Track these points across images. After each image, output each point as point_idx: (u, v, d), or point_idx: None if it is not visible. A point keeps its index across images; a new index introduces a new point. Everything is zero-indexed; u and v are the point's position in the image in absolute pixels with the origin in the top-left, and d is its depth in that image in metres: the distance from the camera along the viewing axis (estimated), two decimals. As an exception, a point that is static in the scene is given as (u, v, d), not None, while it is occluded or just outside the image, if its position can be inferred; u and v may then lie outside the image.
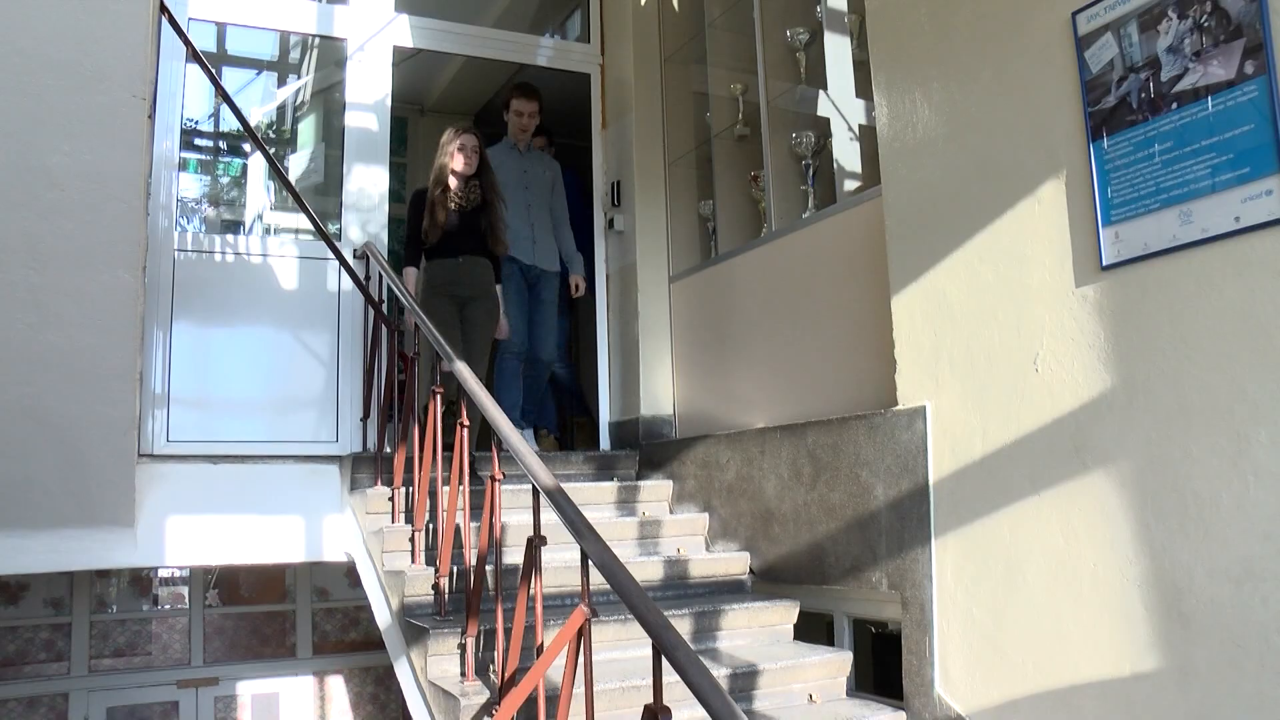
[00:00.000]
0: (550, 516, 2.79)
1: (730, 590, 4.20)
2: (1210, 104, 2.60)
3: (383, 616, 3.93)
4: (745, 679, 3.44)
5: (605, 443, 5.66)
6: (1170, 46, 2.70)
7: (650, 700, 2.30)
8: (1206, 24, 2.60)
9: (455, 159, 4.96)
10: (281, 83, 6.70)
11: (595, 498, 4.63)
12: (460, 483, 3.43)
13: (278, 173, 5.16)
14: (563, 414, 6.44)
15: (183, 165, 5.02)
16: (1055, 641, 2.96)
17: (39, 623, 7.74)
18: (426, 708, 3.35)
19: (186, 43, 4.58)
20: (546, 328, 5.53)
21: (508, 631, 2.97)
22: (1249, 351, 2.51)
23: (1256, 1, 2.48)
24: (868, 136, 4.27)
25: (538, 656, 2.79)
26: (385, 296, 4.82)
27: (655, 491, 4.80)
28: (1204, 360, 2.61)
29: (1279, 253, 2.45)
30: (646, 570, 4.06)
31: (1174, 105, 2.69)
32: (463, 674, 3.25)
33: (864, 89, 4.50)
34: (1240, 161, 2.53)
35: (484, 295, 5.02)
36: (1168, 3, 2.70)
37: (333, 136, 5.72)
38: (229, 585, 8.40)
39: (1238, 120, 2.53)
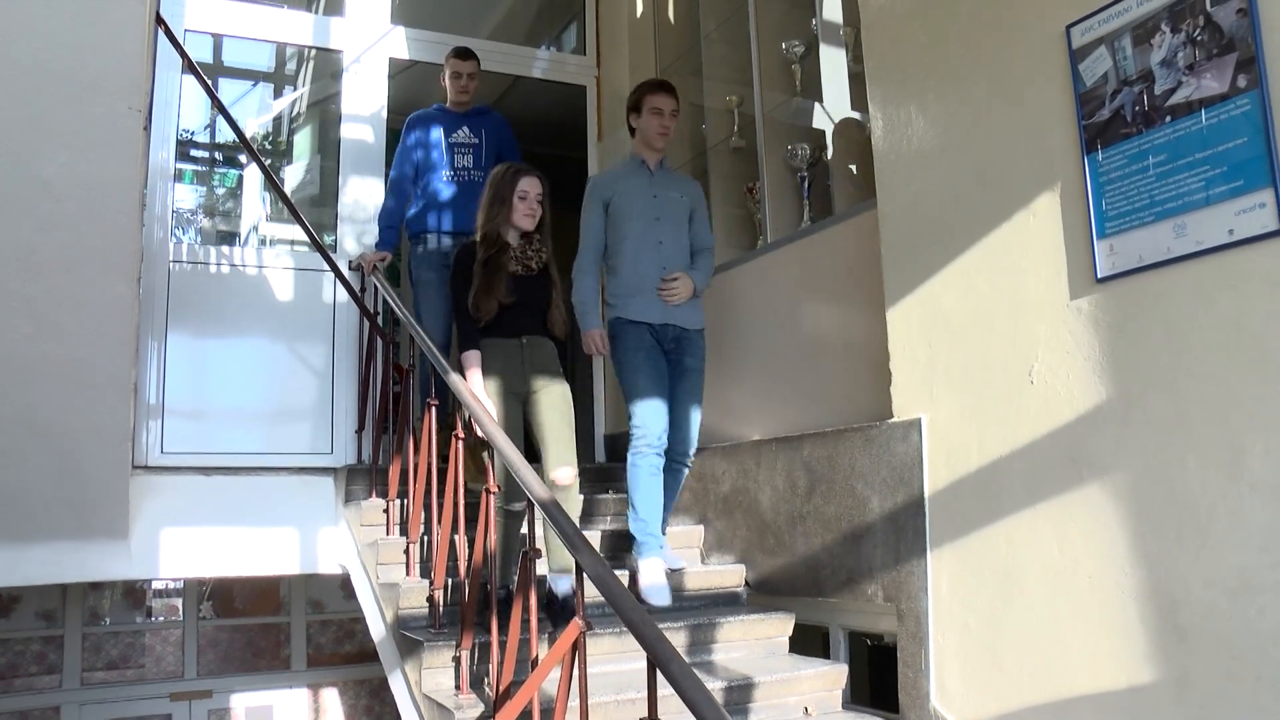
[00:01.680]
0: (545, 528, 2.79)
1: (725, 603, 4.19)
2: (1204, 117, 2.61)
3: (377, 629, 3.92)
4: (740, 691, 3.43)
5: (600, 455, 5.65)
6: (1164, 60, 2.71)
7: (645, 713, 2.29)
8: (1199, 38, 2.61)
9: (515, 210, 3.78)
10: (277, 94, 6.72)
11: (590, 510, 4.62)
12: (455, 496, 3.42)
13: (273, 184, 5.16)
14: None
15: (178, 176, 5.03)
16: (1052, 653, 2.95)
17: (30, 635, 7.70)
18: (421, 721, 3.33)
19: (182, 54, 4.59)
20: (692, 410, 4.14)
21: (502, 644, 2.96)
22: (1244, 363, 2.51)
23: (1248, 16, 2.49)
24: (863, 149, 4.28)
25: (533, 669, 2.78)
26: (380, 308, 4.82)
27: (651, 503, 4.78)
28: (1199, 372, 2.61)
29: (1273, 265, 2.45)
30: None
31: (1168, 118, 2.70)
32: (457, 687, 3.23)
33: (859, 101, 4.51)
34: (1234, 174, 2.53)
35: (553, 386, 3.80)
36: (1161, 16, 2.71)
37: (328, 148, 5.73)
38: (223, 597, 8.37)
39: (1231, 133, 2.54)
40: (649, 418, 3.94)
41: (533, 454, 3.58)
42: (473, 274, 3.72)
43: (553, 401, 3.77)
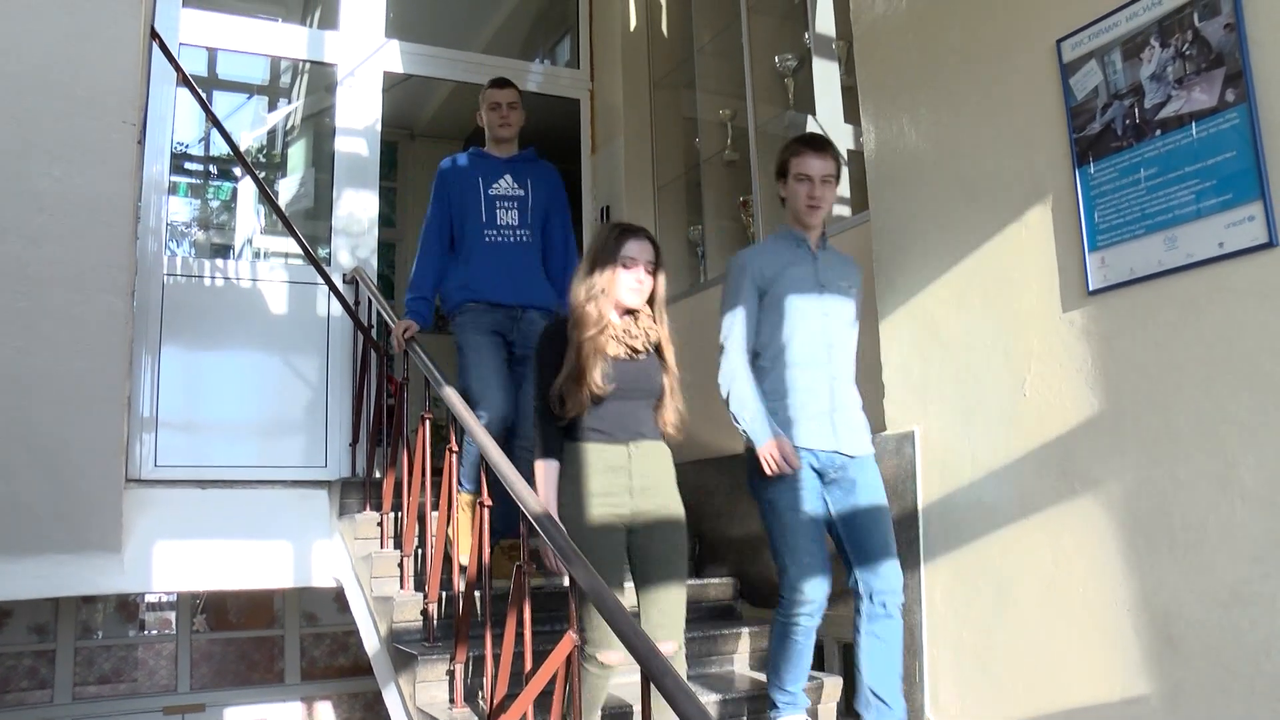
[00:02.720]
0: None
1: (719, 615, 4.18)
2: (1194, 130, 2.63)
3: (371, 642, 3.91)
4: (735, 704, 3.43)
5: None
6: (1153, 74, 2.73)
7: (640, 727, 2.29)
8: (1188, 52, 2.63)
9: (618, 282, 2.92)
10: (272, 107, 6.72)
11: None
12: (449, 508, 3.42)
13: (267, 197, 5.16)
14: None
15: (172, 189, 5.02)
16: (1045, 665, 2.96)
17: (22, 649, 7.66)
18: (415, 735, 3.32)
19: (177, 68, 4.60)
20: (888, 540, 3.14)
21: (496, 658, 2.95)
22: (1234, 375, 2.52)
23: (1235, 31, 2.51)
24: (856, 162, 4.30)
25: (527, 683, 2.77)
26: (374, 322, 4.82)
27: (645, 515, 4.77)
28: (1190, 384, 2.62)
29: (1263, 277, 2.47)
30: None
31: (1158, 132, 2.72)
32: (451, 700, 3.23)
33: (852, 114, 4.53)
34: (1223, 187, 2.55)
35: (668, 513, 2.94)
36: (1150, 31, 2.73)
37: (323, 161, 5.73)
38: (217, 610, 8.33)
39: (1220, 147, 2.56)
40: (808, 580, 3.04)
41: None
42: (560, 361, 2.89)
43: (668, 541, 2.92)
